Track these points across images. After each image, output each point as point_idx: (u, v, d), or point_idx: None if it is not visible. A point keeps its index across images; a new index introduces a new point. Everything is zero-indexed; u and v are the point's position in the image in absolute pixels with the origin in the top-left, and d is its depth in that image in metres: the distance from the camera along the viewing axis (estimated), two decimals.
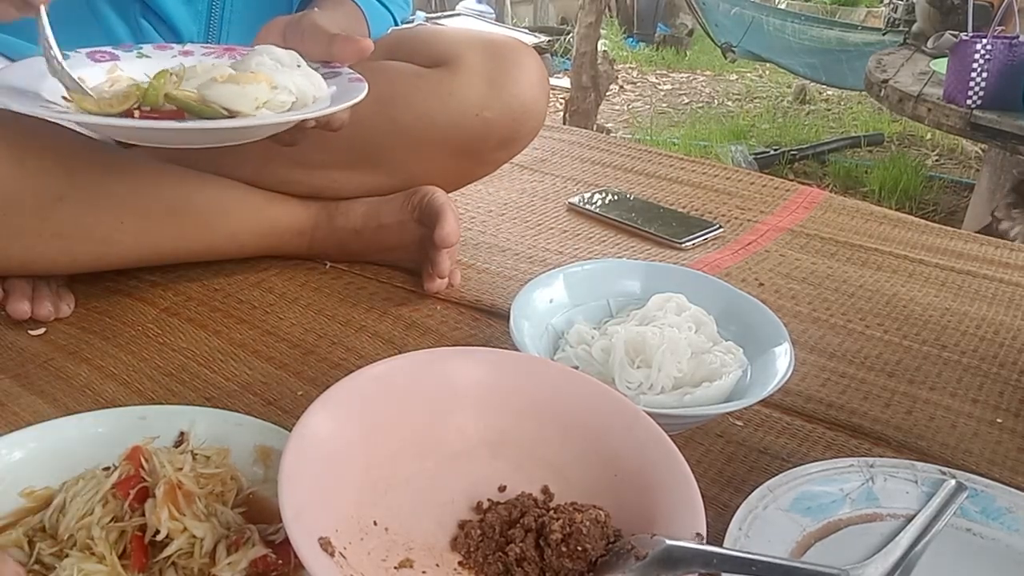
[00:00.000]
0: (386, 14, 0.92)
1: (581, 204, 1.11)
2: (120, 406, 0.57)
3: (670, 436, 0.50)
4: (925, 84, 2.14)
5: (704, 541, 0.44)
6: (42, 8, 0.64)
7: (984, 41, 1.85)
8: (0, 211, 0.69)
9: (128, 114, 0.62)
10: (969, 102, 1.90)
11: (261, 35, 0.79)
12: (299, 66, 0.71)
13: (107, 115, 0.62)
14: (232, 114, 0.63)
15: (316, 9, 0.80)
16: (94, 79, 0.70)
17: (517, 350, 0.63)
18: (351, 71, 0.75)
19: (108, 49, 0.74)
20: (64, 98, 0.66)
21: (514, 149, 0.93)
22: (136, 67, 0.73)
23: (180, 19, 0.84)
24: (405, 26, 0.97)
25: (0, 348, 0.74)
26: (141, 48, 0.76)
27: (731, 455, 0.64)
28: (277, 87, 0.66)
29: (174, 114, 0.63)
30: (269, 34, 0.79)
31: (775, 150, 3.38)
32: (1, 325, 0.77)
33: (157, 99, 0.63)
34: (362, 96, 0.70)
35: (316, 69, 0.73)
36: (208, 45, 0.80)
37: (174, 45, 0.78)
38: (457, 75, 0.85)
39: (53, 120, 0.62)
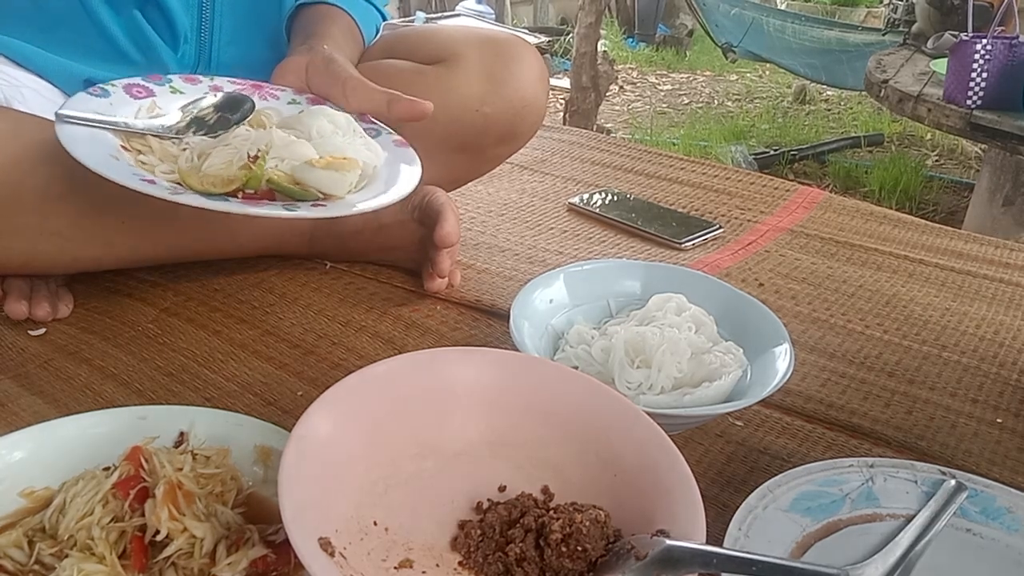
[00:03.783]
0: (371, 9, 0.92)
1: (581, 204, 1.11)
2: (120, 406, 0.57)
3: (670, 436, 0.50)
4: (925, 84, 2.14)
5: (704, 541, 0.44)
6: None
7: (984, 41, 1.85)
8: (1, 209, 0.69)
9: (232, 195, 0.65)
10: (969, 102, 1.90)
11: (276, 75, 0.80)
12: (355, 131, 0.74)
13: (213, 195, 0.65)
14: (327, 197, 0.67)
15: (327, 47, 0.79)
16: (131, 114, 0.72)
17: (517, 350, 0.63)
18: (389, 130, 0.77)
19: (142, 83, 0.76)
20: (123, 147, 0.67)
21: (515, 145, 0.94)
22: (171, 102, 0.75)
23: (175, 9, 0.84)
24: (404, 25, 0.98)
25: (0, 348, 0.74)
26: (172, 81, 0.77)
27: (731, 455, 0.64)
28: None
29: (266, 194, 0.66)
30: (287, 74, 0.79)
31: (775, 150, 3.38)
32: (1, 325, 0.77)
33: (260, 183, 0.66)
34: (419, 171, 0.73)
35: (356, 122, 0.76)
36: (235, 80, 0.80)
37: (202, 78, 0.79)
38: (457, 71, 0.85)
39: (158, 197, 0.62)
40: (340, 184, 0.67)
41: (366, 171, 0.72)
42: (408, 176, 0.72)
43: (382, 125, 0.78)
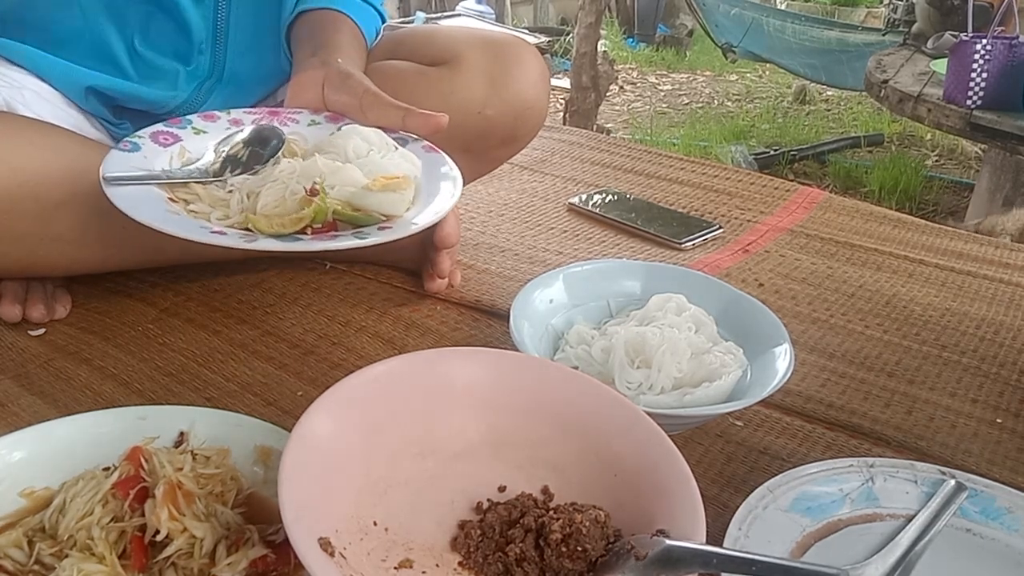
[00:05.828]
0: (371, 11, 0.92)
1: (581, 204, 1.11)
2: (120, 406, 0.57)
3: (670, 436, 0.50)
4: (925, 84, 2.14)
5: (704, 541, 0.44)
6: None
7: (984, 41, 1.85)
8: (1, 215, 0.69)
9: (302, 232, 0.66)
10: (969, 102, 1.90)
11: (294, 93, 0.79)
12: (393, 145, 0.74)
13: (284, 236, 0.65)
14: (388, 218, 0.68)
15: (341, 61, 0.79)
16: (165, 163, 0.72)
17: (517, 350, 0.63)
18: (416, 138, 0.77)
19: (165, 129, 0.76)
20: (170, 199, 0.67)
21: (516, 146, 0.94)
22: (197, 143, 0.75)
23: (192, 20, 0.84)
24: (404, 25, 0.97)
25: (0, 348, 0.74)
26: (192, 123, 0.77)
27: (731, 455, 0.64)
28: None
29: (330, 224, 0.67)
30: (304, 92, 0.78)
31: (775, 150, 3.37)
32: (1, 326, 0.77)
33: (326, 216, 0.66)
34: (458, 172, 0.74)
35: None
36: (251, 110, 0.80)
37: (219, 114, 0.79)
38: (458, 73, 0.85)
39: (233, 247, 0.63)
40: (400, 204, 0.68)
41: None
42: (453, 179, 0.73)
43: (409, 136, 0.77)
